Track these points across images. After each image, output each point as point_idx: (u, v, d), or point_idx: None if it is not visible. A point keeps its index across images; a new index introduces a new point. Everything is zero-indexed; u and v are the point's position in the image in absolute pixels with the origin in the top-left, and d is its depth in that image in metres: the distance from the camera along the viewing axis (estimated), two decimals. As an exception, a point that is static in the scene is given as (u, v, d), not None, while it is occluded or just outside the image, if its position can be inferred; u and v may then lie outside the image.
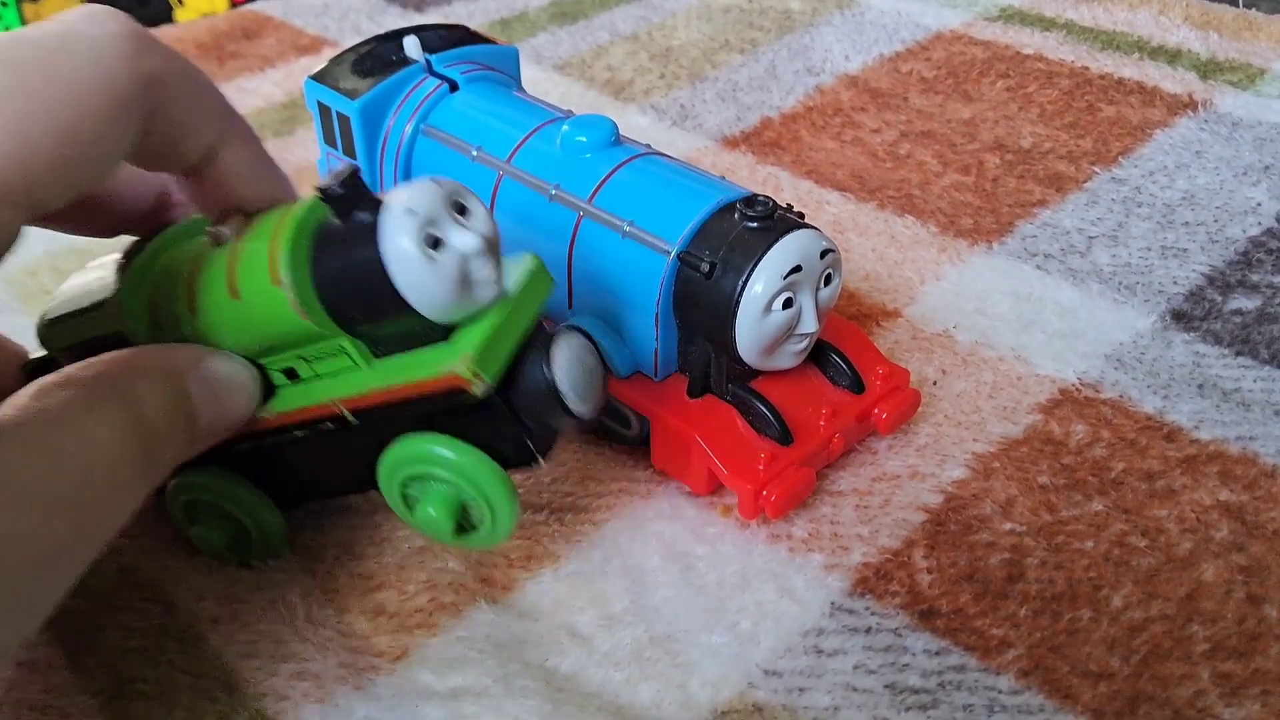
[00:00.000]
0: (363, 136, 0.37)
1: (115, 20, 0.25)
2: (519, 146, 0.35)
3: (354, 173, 0.25)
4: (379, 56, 0.38)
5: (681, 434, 0.32)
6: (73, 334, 0.29)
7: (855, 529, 0.32)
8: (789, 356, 0.32)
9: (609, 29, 0.64)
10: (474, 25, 0.62)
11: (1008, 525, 0.32)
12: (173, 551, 0.32)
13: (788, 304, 0.30)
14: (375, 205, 0.25)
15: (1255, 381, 0.37)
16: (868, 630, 0.29)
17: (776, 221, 0.30)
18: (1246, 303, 0.41)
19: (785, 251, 0.30)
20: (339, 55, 0.38)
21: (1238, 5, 0.62)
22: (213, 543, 0.31)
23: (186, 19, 0.76)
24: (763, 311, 0.30)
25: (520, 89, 0.39)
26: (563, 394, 0.26)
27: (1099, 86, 0.55)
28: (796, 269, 0.30)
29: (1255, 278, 0.42)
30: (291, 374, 0.28)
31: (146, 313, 0.28)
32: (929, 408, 0.36)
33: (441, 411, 0.26)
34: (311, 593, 0.31)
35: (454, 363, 0.25)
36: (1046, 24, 0.61)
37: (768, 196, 0.31)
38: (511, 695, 0.28)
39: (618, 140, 0.34)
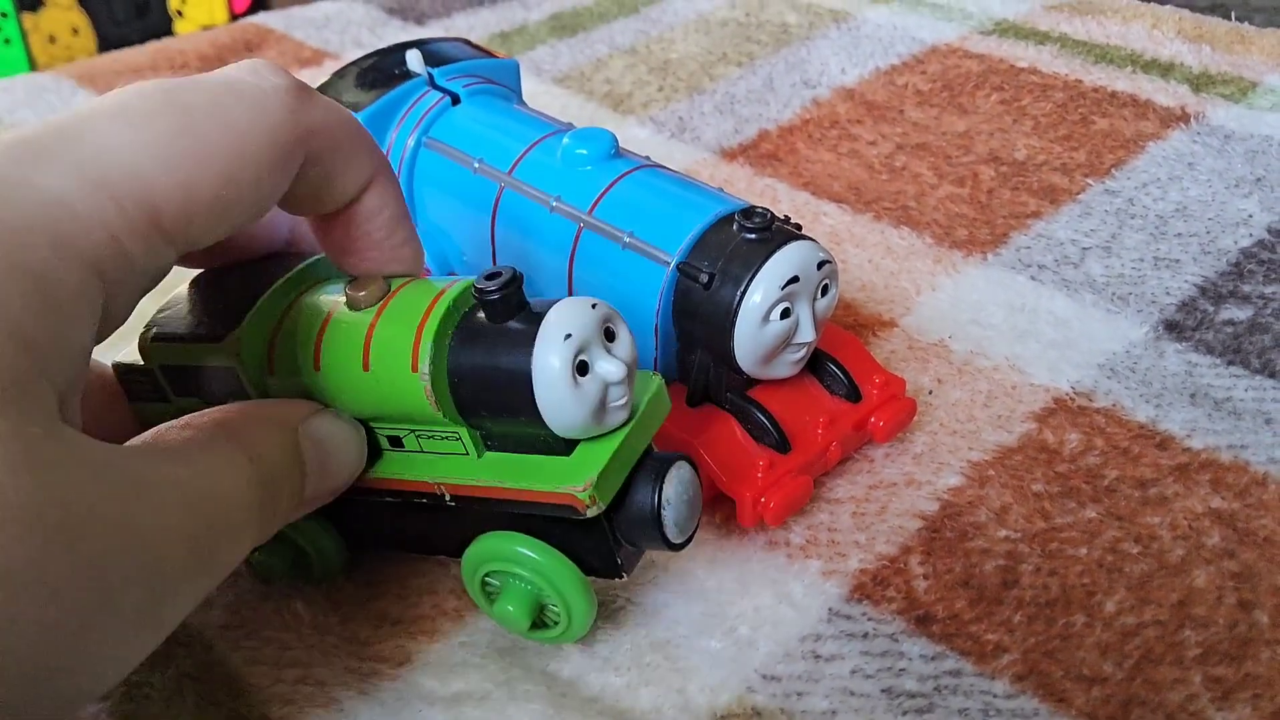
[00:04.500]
0: (366, 149, 0.37)
1: (278, 74, 0.25)
2: (520, 159, 0.35)
3: (516, 279, 0.26)
4: (381, 70, 0.38)
5: (681, 442, 0.32)
6: (178, 355, 0.28)
7: (852, 536, 0.33)
8: (787, 366, 0.33)
9: (608, 42, 0.65)
10: (474, 38, 0.63)
11: (1003, 532, 0.33)
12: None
13: (785, 314, 0.31)
14: (530, 316, 0.25)
15: (1246, 391, 0.37)
16: (865, 635, 0.30)
17: (774, 233, 0.31)
18: (1238, 313, 0.41)
19: (783, 262, 0.30)
20: (341, 69, 0.39)
21: (1230, 19, 0.63)
22: (273, 569, 0.31)
23: (187, 31, 0.76)
24: (761, 321, 0.30)
25: (521, 102, 0.40)
26: (666, 526, 0.27)
27: (1092, 99, 0.55)
28: (794, 279, 0.30)
29: (1247, 288, 0.42)
30: (396, 442, 0.28)
31: (264, 353, 0.28)
32: (925, 416, 0.37)
33: (542, 518, 0.27)
34: (316, 600, 0.31)
35: (577, 485, 0.26)
36: (1040, 37, 0.62)
37: (765, 208, 0.31)
38: (513, 700, 0.28)
39: (617, 153, 0.35)
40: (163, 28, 0.90)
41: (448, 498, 0.28)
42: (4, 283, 0.20)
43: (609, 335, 0.26)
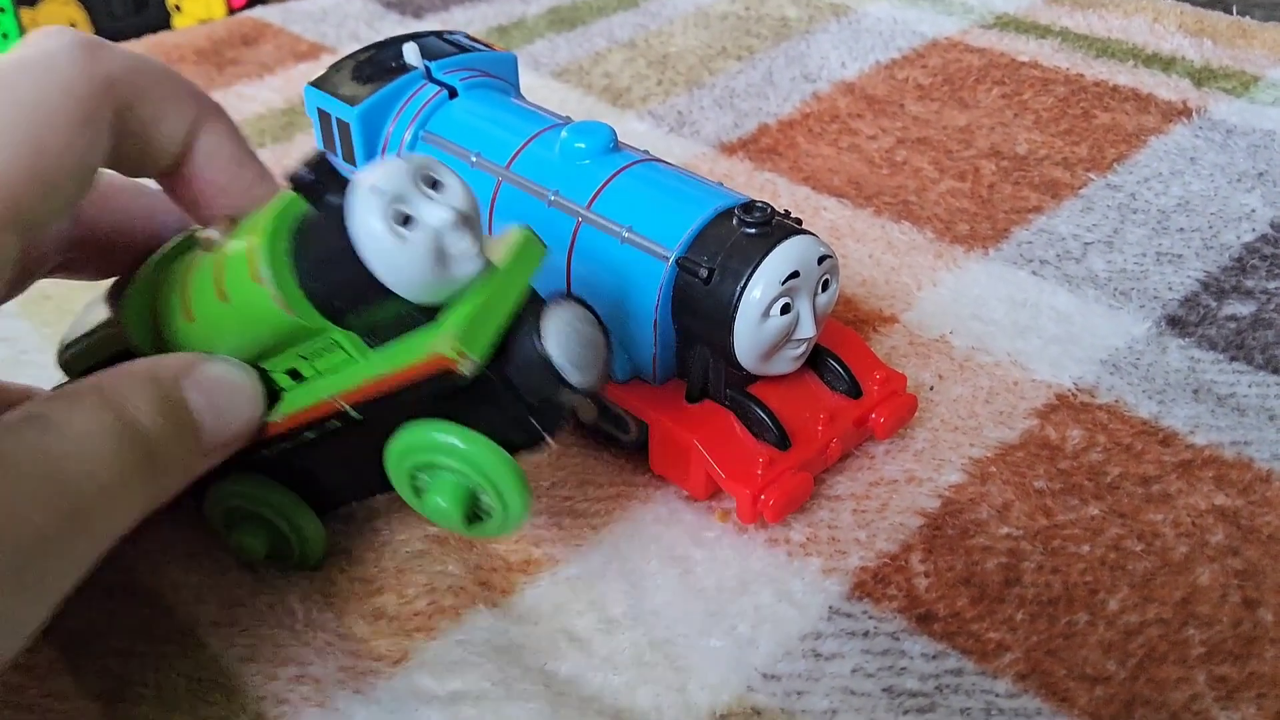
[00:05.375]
0: (362, 143, 0.37)
1: (64, 33, 0.25)
2: (518, 153, 0.35)
3: (321, 157, 0.24)
4: (379, 63, 0.38)
5: (680, 439, 0.32)
6: (87, 356, 0.29)
7: (853, 533, 0.32)
8: (787, 362, 0.32)
9: (606, 36, 0.64)
10: (472, 32, 0.62)
11: (1004, 529, 0.32)
12: (172, 555, 0.32)
13: (785, 309, 0.30)
14: (343, 189, 0.24)
15: (1250, 387, 0.37)
16: (865, 634, 0.30)
17: (774, 227, 0.31)
18: (1241, 308, 0.41)
19: (783, 257, 0.30)
20: (338, 62, 0.39)
21: (1232, 13, 0.63)
22: (253, 550, 0.31)
23: (184, 25, 0.76)
24: (761, 317, 0.30)
25: (519, 95, 0.40)
26: (558, 365, 0.25)
27: (1094, 93, 0.55)
28: (794, 274, 0.30)
29: (1250, 283, 0.42)
30: (295, 375, 0.27)
31: (150, 327, 0.28)
32: (926, 413, 0.36)
33: (443, 398, 0.26)
34: (311, 596, 0.31)
35: (437, 342, 0.24)
36: (1042, 31, 0.62)
37: (765, 203, 0.31)
38: (511, 699, 0.28)
39: (616, 146, 0.34)
40: (160, 22, 0.89)
41: (351, 411, 0.27)
42: None
43: (432, 185, 0.25)
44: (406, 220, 0.24)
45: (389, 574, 0.32)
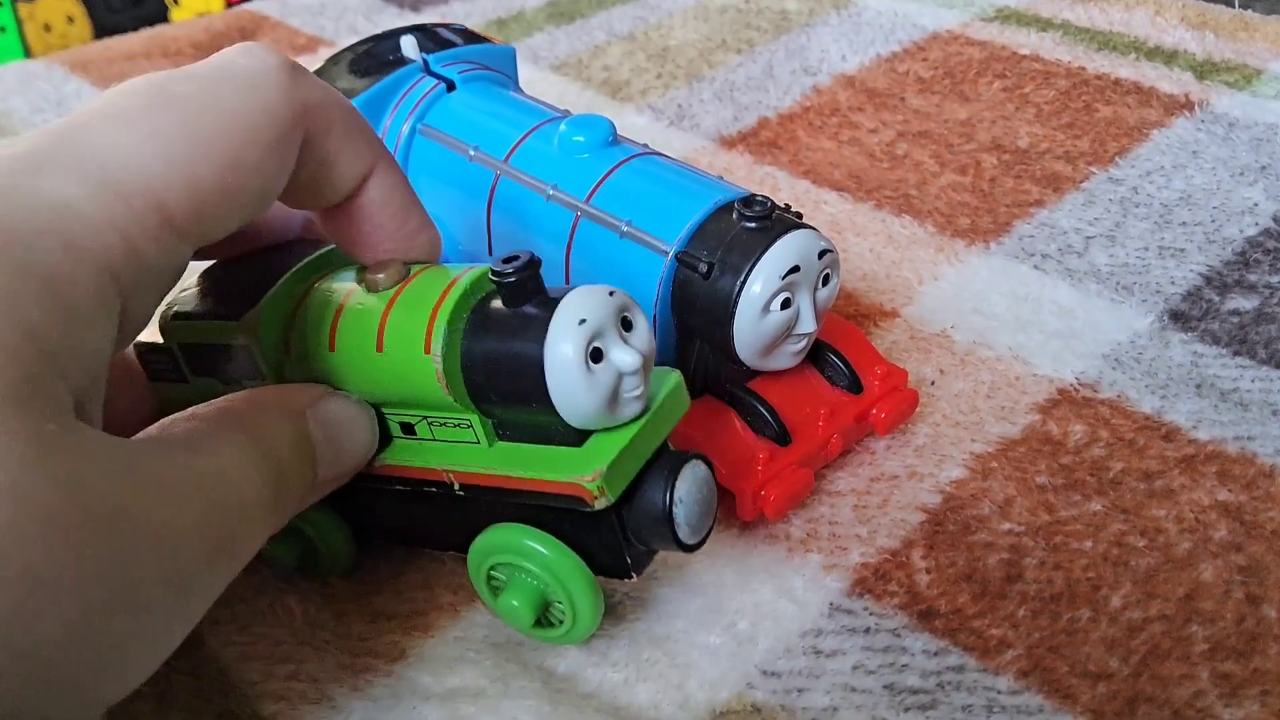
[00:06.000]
0: (360, 136, 0.37)
1: (270, 53, 0.25)
2: (516, 146, 0.35)
3: (533, 263, 0.25)
4: (376, 56, 0.38)
5: (679, 434, 0.32)
6: (196, 333, 0.28)
7: (854, 529, 0.32)
8: (787, 357, 0.32)
9: (606, 29, 0.64)
10: (471, 25, 0.62)
11: (1006, 525, 0.32)
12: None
13: (786, 304, 0.30)
14: (545, 301, 0.25)
15: (1253, 381, 0.37)
16: (866, 631, 0.29)
17: (774, 222, 0.30)
18: (1244, 303, 0.41)
19: (783, 252, 0.30)
20: (336, 55, 0.38)
21: (1234, 6, 0.62)
22: (283, 560, 0.31)
23: (182, 18, 0.76)
24: (761, 312, 0.30)
25: (517, 89, 0.39)
26: (677, 525, 0.26)
27: (1095, 87, 0.55)
28: (795, 269, 0.30)
29: (1253, 278, 0.42)
30: (408, 429, 0.28)
31: (280, 334, 0.28)
32: (927, 408, 0.36)
33: (549, 509, 0.26)
34: (309, 595, 0.31)
35: (586, 475, 0.25)
36: (1043, 24, 0.61)
37: (766, 196, 0.31)
38: (509, 696, 0.28)
39: (615, 140, 0.34)
40: (158, 15, 0.89)
41: (456, 486, 0.27)
42: (17, 286, 0.20)
43: (625, 324, 0.26)
44: (597, 354, 0.25)
45: (387, 572, 0.31)
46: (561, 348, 0.24)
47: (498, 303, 0.26)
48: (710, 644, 0.29)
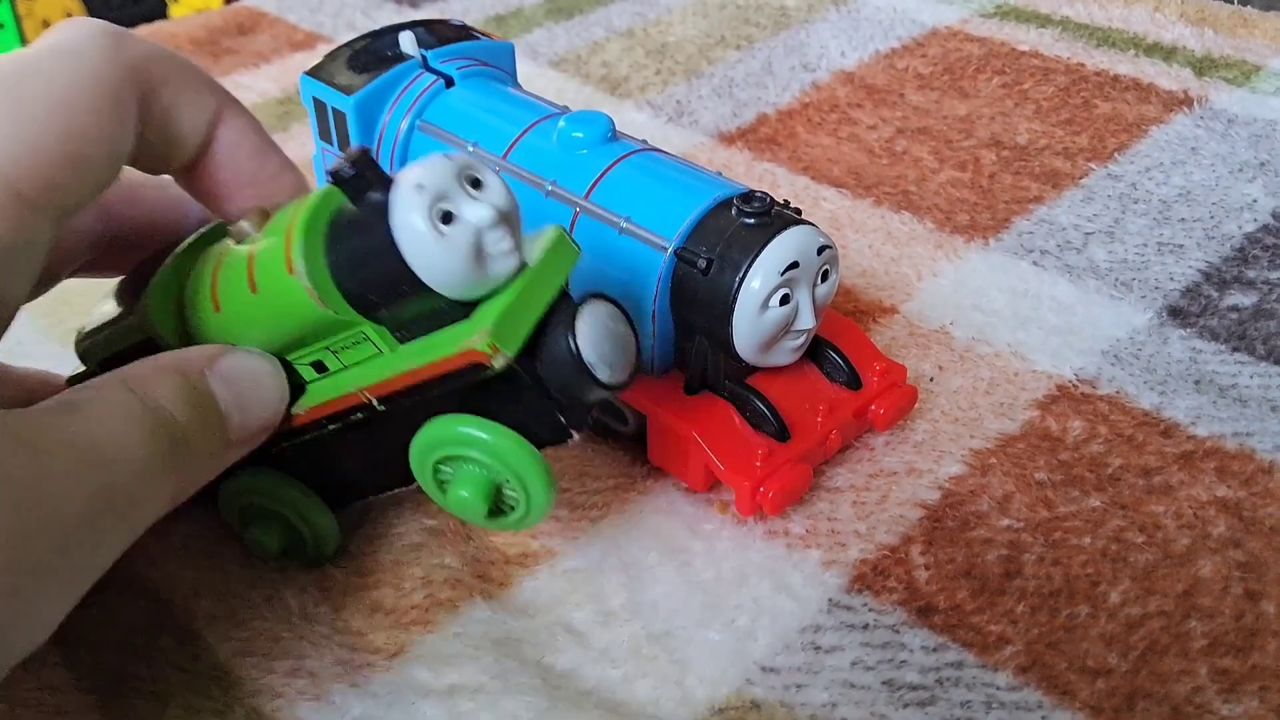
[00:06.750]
0: (358, 132, 0.37)
1: (92, 23, 0.26)
2: (515, 142, 0.35)
3: (364, 153, 0.24)
4: (374, 52, 0.38)
5: (678, 430, 0.32)
6: (106, 346, 0.29)
7: (853, 525, 0.32)
8: (786, 353, 0.32)
9: (605, 25, 0.64)
10: (470, 21, 0.62)
11: (1005, 521, 0.32)
12: (168, 549, 0.32)
13: (785, 300, 0.30)
14: (388, 185, 0.24)
15: (1252, 378, 0.37)
16: (865, 627, 0.29)
17: (773, 218, 0.30)
18: (1243, 299, 0.40)
19: (782, 248, 0.30)
20: (334, 51, 0.38)
21: (1232, 2, 0.62)
22: (267, 546, 0.31)
23: (180, 15, 0.75)
24: (760, 308, 0.30)
25: (516, 85, 0.39)
26: (589, 363, 0.26)
27: (1095, 83, 0.55)
28: (793, 265, 0.30)
29: (1251, 274, 0.42)
30: (320, 367, 0.27)
31: (175, 316, 0.28)
32: (926, 404, 0.36)
33: (470, 392, 0.26)
34: (307, 590, 0.31)
35: (471, 337, 0.25)
36: (1042, 20, 0.61)
37: (764, 193, 0.31)
38: (508, 692, 0.28)
39: (614, 136, 0.34)
40: (157, 12, 0.90)
41: (375, 403, 0.27)
42: None
43: (474, 184, 0.25)
44: (448, 218, 0.24)
45: (385, 567, 0.31)
46: (407, 218, 0.24)
47: (347, 205, 0.25)
48: (709, 640, 0.29)
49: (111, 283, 0.31)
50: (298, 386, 0.28)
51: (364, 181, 0.25)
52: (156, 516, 0.24)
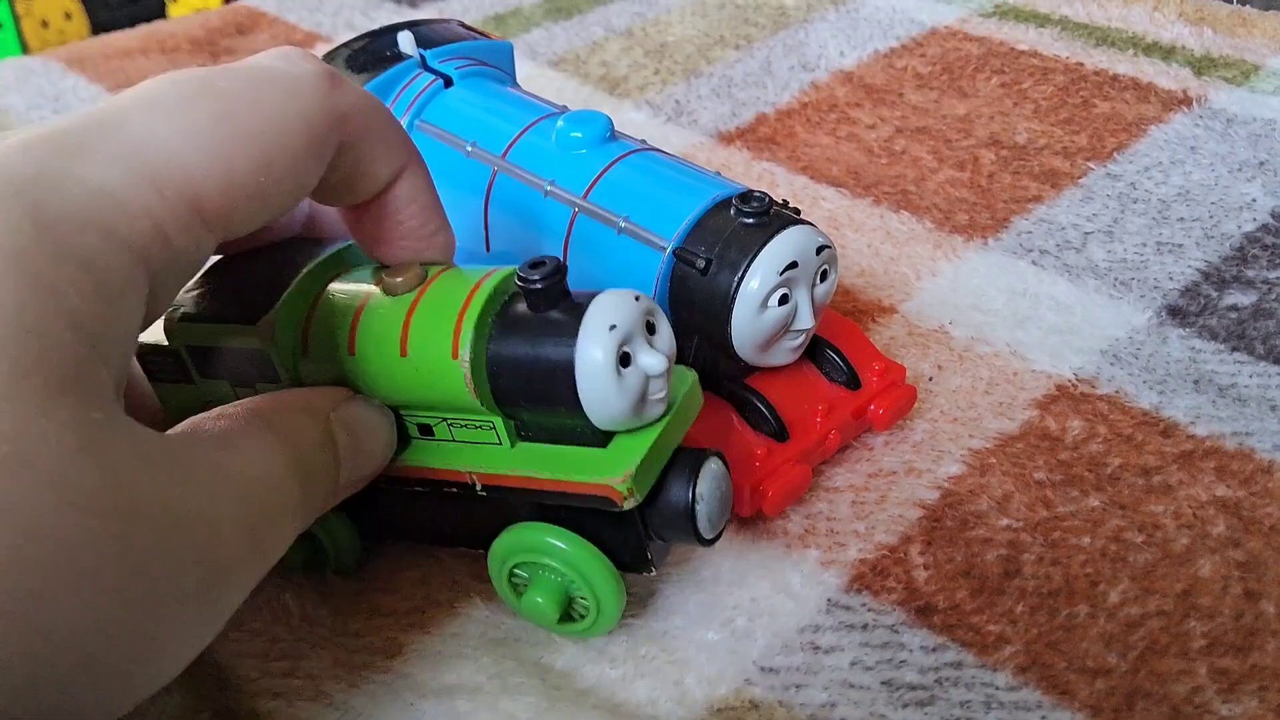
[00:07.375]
0: (357, 132, 0.37)
1: (310, 60, 0.26)
2: (514, 142, 0.35)
3: (559, 269, 0.25)
4: (373, 52, 0.38)
5: (677, 430, 0.32)
6: (205, 336, 0.28)
7: (852, 525, 0.32)
8: (785, 353, 0.32)
9: (603, 25, 0.64)
10: (468, 20, 0.62)
11: (1004, 521, 0.32)
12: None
13: (783, 300, 0.30)
14: (572, 307, 0.25)
15: (1251, 377, 0.37)
16: (864, 627, 0.29)
17: (772, 217, 0.30)
18: (1242, 298, 0.40)
19: (781, 247, 0.30)
20: (332, 50, 0.38)
21: (1232, 2, 0.62)
22: (291, 561, 0.30)
23: (179, 14, 0.75)
24: (758, 308, 0.30)
25: (515, 85, 0.39)
26: (699, 521, 0.27)
27: (1094, 82, 0.55)
28: (792, 265, 0.30)
29: (1250, 273, 0.42)
30: (426, 430, 0.28)
31: (297, 337, 0.28)
32: (925, 404, 0.36)
33: (572, 509, 0.27)
34: (306, 591, 0.31)
35: (616, 477, 0.26)
36: (1041, 20, 0.61)
37: (763, 192, 0.31)
38: (506, 692, 0.28)
39: (613, 136, 0.34)
40: (156, 11, 0.89)
41: (479, 487, 0.27)
42: (59, 273, 0.20)
43: (649, 328, 0.26)
44: (626, 359, 0.25)
45: (384, 569, 0.31)
46: (593, 353, 0.25)
47: (523, 307, 0.26)
48: (708, 640, 0.29)
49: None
50: (402, 439, 0.28)
51: (551, 296, 0.25)
52: (279, 557, 0.24)
